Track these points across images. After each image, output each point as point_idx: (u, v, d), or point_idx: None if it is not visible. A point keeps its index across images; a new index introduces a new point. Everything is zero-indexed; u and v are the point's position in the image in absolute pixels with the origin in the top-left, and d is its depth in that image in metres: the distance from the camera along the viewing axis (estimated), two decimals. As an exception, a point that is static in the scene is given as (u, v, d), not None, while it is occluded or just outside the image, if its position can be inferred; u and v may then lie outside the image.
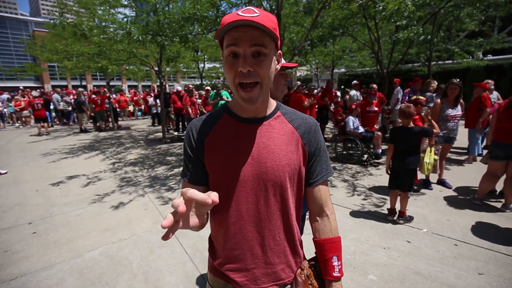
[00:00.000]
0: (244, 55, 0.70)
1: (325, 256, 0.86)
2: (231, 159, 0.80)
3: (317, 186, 0.89)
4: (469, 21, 7.24)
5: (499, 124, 3.36)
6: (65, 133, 10.55)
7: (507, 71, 11.22)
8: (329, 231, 0.88)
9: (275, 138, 0.82)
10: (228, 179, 0.81)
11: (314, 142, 0.87)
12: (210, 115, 0.88)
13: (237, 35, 0.69)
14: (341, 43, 10.84)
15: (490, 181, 3.50)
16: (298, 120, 0.87)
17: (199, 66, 14.65)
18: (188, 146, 0.85)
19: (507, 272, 2.25)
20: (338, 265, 0.85)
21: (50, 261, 2.54)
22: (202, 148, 0.83)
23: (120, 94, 15.59)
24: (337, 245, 0.87)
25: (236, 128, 0.82)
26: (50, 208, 3.70)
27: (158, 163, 5.93)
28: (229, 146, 0.81)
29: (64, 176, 5.05)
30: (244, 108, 0.81)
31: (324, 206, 0.90)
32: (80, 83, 19.54)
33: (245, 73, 0.71)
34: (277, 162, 0.80)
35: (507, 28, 16.98)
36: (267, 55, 0.72)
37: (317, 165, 0.88)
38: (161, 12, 5.51)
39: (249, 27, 0.68)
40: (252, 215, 0.82)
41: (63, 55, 8.93)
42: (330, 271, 0.84)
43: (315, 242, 0.90)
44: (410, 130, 3.01)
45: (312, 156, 0.87)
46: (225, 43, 0.72)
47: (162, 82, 8.26)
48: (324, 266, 0.86)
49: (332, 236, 0.88)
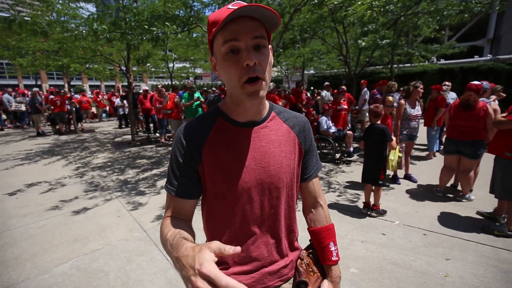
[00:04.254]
0: (248, 48, 0.66)
1: (323, 243, 0.90)
2: (234, 166, 0.77)
3: (311, 181, 0.93)
4: (425, 28, 7.92)
5: (450, 122, 3.70)
6: (18, 137, 9.58)
7: (457, 74, 12.40)
8: (324, 219, 0.93)
9: (274, 140, 0.81)
10: (232, 186, 0.78)
11: (308, 140, 0.89)
12: (202, 119, 0.81)
13: (236, 28, 0.64)
14: (311, 46, 11.17)
15: (447, 174, 3.85)
16: (292, 119, 0.87)
17: (168, 66, 14.19)
18: (180, 155, 0.78)
19: (469, 256, 2.48)
20: (335, 249, 0.89)
21: (11, 279, 2.29)
22: (199, 157, 0.77)
23: (82, 94, 14.55)
24: (332, 231, 0.92)
25: (234, 133, 0.79)
26: (7, 220, 3.34)
27: (128, 166, 5.63)
28: (231, 153, 0.78)
29: (21, 184, 4.59)
30: (241, 112, 0.78)
31: (318, 198, 0.95)
32: (35, 83, 17.85)
33: (252, 67, 0.66)
34: (279, 165, 0.80)
35: (455, 36, 18.80)
36: (266, 47, 0.69)
37: (310, 161, 0.91)
38: (128, 9, 5.25)
39: (245, 19, 0.64)
40: (257, 219, 0.82)
41: (16, 51, 8.11)
42: (329, 256, 0.88)
43: (311, 232, 0.94)
44: (374, 128, 3.29)
45: (307, 153, 0.89)
46: (221, 40, 0.67)
47: (130, 82, 7.87)
48: (322, 253, 0.90)
49: (327, 224, 0.93)
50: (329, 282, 0.88)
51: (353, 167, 5.34)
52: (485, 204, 3.41)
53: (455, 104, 3.66)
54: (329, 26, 7.06)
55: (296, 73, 17.14)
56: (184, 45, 10.58)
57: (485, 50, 19.46)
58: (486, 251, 2.55)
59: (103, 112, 15.56)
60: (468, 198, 3.65)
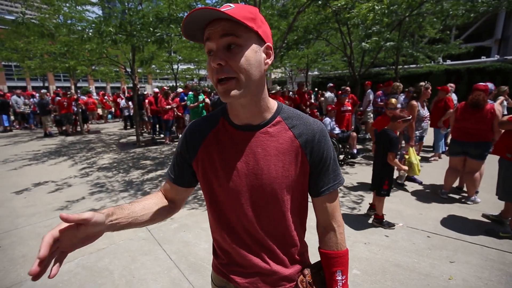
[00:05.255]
0: (217, 48, 0.66)
1: (329, 269, 0.82)
2: (227, 170, 0.76)
3: (322, 198, 0.81)
4: (430, 28, 7.85)
5: (456, 123, 3.68)
6: (27, 138, 9.74)
7: (464, 75, 12.26)
8: (334, 245, 0.82)
9: (271, 148, 0.75)
10: (224, 189, 0.78)
11: (318, 152, 0.77)
12: (208, 118, 0.85)
13: (210, 30, 0.66)
14: (315, 47, 11.17)
15: (452, 175, 3.81)
16: (301, 127, 0.77)
17: (173, 68, 14.30)
18: (180, 148, 0.85)
19: (474, 259, 2.46)
20: (342, 279, 0.80)
21: (19, 277, 2.34)
22: (195, 154, 0.82)
23: (88, 96, 14.74)
24: (342, 259, 0.81)
25: (231, 135, 0.78)
26: (15, 219, 3.40)
27: (133, 167, 5.70)
28: (224, 155, 0.77)
29: (29, 184, 4.67)
30: (235, 114, 0.78)
31: (331, 219, 0.82)
32: (43, 84, 18.16)
33: (217, 68, 0.65)
34: (273, 174, 0.75)
35: (461, 36, 18.59)
36: (241, 45, 0.65)
37: (323, 176, 0.79)
38: (134, 12, 5.32)
39: (220, 20, 0.65)
40: (251, 226, 0.79)
41: (24, 54, 8.26)
42: (333, 285, 0.80)
43: (320, 252, 0.85)
44: (383, 134, 3.04)
45: (316, 166, 0.78)
46: (204, 42, 0.69)
47: (136, 83, 7.95)
48: (329, 278, 0.82)
49: (337, 250, 0.82)
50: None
51: (357, 169, 5.32)
52: (490, 207, 3.37)
53: (461, 106, 3.63)
54: (333, 27, 7.05)
55: (300, 74, 17.12)
56: (188, 47, 10.64)
57: (492, 51, 19.20)
58: (491, 254, 2.52)
59: (109, 114, 15.73)
60: (474, 200, 3.61)
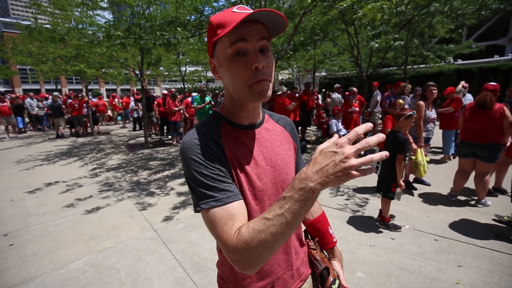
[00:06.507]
0: (255, 50, 0.66)
1: (322, 230, 0.97)
2: (252, 169, 0.76)
3: None
4: (440, 28, 7.72)
5: (465, 124, 3.60)
6: (40, 139, 10.03)
7: (476, 75, 11.97)
8: (318, 209, 1.00)
9: (275, 140, 0.84)
10: (251, 190, 0.75)
11: (297, 138, 0.95)
12: (206, 125, 0.76)
13: (246, 30, 0.65)
14: (322, 48, 11.11)
15: (462, 178, 3.72)
16: (282, 120, 0.93)
17: (180, 70, 14.48)
18: (208, 159, 0.67)
19: (483, 263, 2.40)
20: (332, 232, 0.99)
21: (30, 273, 2.41)
22: (225, 159, 0.72)
23: (98, 98, 15.06)
24: (326, 217, 1.01)
25: (241, 136, 0.77)
26: (27, 218, 3.51)
27: (141, 168, 5.79)
28: (245, 156, 0.76)
29: (41, 184, 4.81)
30: (244, 115, 0.77)
31: None
32: (55, 87, 18.67)
33: (261, 70, 0.66)
34: (286, 162, 0.83)
35: (473, 35, 18.17)
36: (270, 50, 0.70)
37: (299, 156, 0.96)
38: (142, 15, 5.42)
39: (252, 22, 0.65)
40: None
41: (37, 58, 8.53)
42: (330, 239, 0.97)
43: (309, 224, 0.98)
44: (392, 135, 2.97)
45: (297, 149, 0.95)
46: (227, 42, 0.66)
47: (144, 85, 8.09)
48: (324, 238, 0.97)
49: (321, 212, 1.00)
50: (337, 261, 0.96)
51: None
52: (502, 210, 3.29)
53: (470, 106, 3.56)
54: (340, 28, 7.01)
55: (308, 75, 17.04)
56: (196, 49, 10.77)
57: (506, 49, 18.66)
58: (501, 258, 2.46)
59: (119, 115, 16.02)
60: (484, 203, 3.52)
